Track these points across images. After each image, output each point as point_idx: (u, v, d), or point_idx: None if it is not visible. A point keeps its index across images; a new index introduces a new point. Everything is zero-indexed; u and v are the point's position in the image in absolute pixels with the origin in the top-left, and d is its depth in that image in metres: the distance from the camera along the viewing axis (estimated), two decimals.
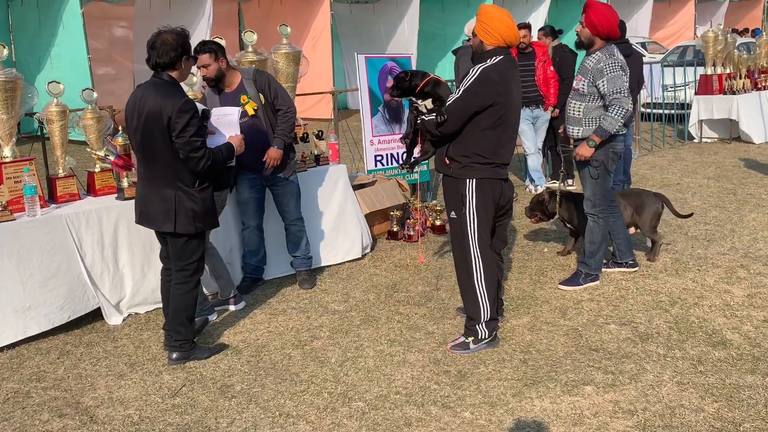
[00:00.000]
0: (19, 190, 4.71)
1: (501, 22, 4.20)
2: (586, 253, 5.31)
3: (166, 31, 4.02)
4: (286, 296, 5.38)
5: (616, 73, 4.85)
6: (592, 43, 5.00)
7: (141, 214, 4.19)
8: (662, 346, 4.33)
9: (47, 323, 4.63)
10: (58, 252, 4.69)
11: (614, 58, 4.90)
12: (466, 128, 4.16)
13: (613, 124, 4.86)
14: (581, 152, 4.99)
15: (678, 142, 11.62)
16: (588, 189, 5.18)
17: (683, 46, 16.97)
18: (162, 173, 4.05)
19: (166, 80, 4.03)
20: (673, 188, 8.41)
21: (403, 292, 5.36)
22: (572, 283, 5.31)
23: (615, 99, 4.85)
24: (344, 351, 4.41)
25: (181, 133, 3.92)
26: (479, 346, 4.32)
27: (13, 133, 4.86)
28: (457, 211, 4.27)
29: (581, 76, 5.01)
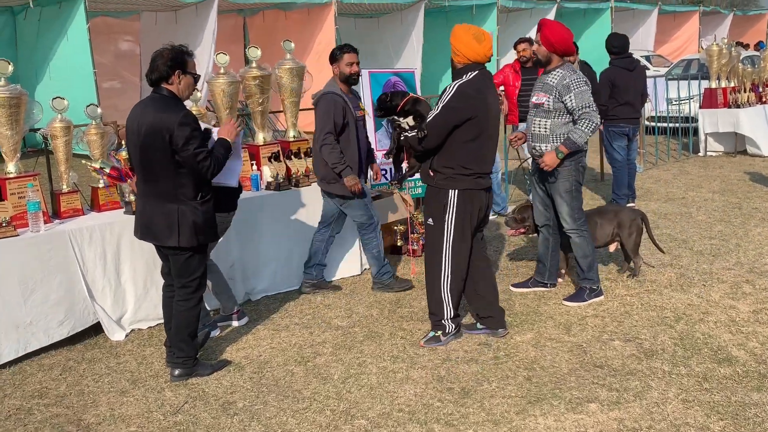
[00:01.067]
0: (23, 205, 4.72)
1: (463, 43, 4.46)
2: (584, 269, 5.30)
3: (165, 48, 4.05)
4: (290, 312, 5.36)
5: (582, 89, 4.97)
6: (550, 60, 5.09)
7: (143, 229, 4.18)
8: (667, 362, 4.30)
9: (47, 339, 4.63)
10: (61, 268, 4.69)
11: (578, 74, 5.04)
12: (447, 142, 4.41)
13: (583, 137, 4.97)
14: (548, 161, 5.02)
15: (683, 156, 11.60)
16: (565, 206, 5.21)
17: (688, 60, 16.99)
18: (163, 188, 4.05)
19: (164, 95, 4.05)
20: (678, 202, 8.39)
21: (407, 308, 5.34)
22: (577, 299, 5.29)
23: (585, 113, 4.94)
24: (347, 367, 4.38)
25: (185, 146, 3.92)
26: (448, 338, 4.65)
27: (18, 148, 4.87)
28: (436, 218, 4.53)
29: (544, 93, 5.07)
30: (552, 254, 5.52)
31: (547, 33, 5.01)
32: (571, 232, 5.26)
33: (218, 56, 5.76)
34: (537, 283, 5.60)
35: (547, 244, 5.50)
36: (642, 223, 5.79)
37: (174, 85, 4.06)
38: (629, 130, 8.04)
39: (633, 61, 8.09)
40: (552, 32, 5.01)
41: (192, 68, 4.13)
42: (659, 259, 6.21)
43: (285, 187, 5.80)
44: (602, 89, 7.96)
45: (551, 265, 5.54)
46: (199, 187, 4.08)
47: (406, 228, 6.73)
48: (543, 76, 5.14)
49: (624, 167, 8.07)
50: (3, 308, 4.45)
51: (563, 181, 5.14)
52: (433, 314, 4.69)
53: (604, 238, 5.71)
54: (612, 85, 7.88)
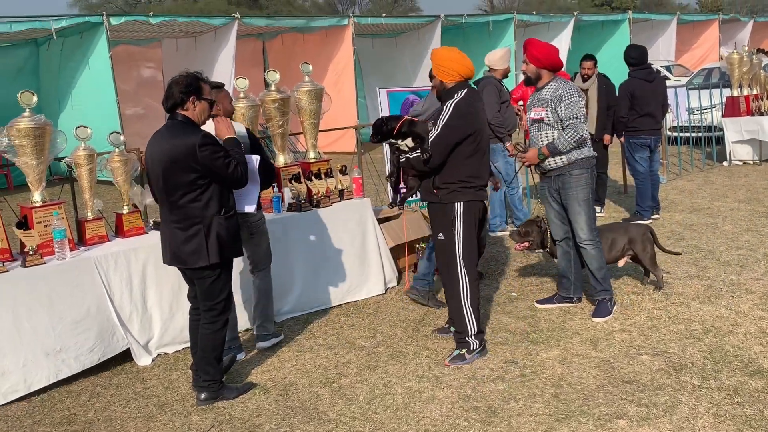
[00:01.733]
0: (49, 234, 4.78)
1: (454, 61, 4.65)
2: (599, 280, 5.29)
3: (180, 75, 4.14)
4: (313, 332, 5.37)
5: (573, 99, 5.09)
6: (540, 76, 5.24)
7: (172, 255, 4.22)
8: (697, 376, 4.23)
9: (78, 365, 4.67)
10: (88, 294, 4.75)
11: (570, 85, 5.17)
12: (449, 159, 4.56)
13: (565, 145, 5.07)
14: (530, 156, 5.24)
15: (707, 166, 11.48)
16: (583, 215, 5.23)
17: (708, 69, 16.85)
18: (188, 212, 4.09)
19: (180, 121, 4.11)
20: (704, 212, 8.29)
21: (431, 326, 5.32)
22: (603, 312, 5.24)
23: (572, 123, 5.06)
24: (372, 388, 4.37)
25: (214, 162, 4.01)
26: (473, 356, 4.64)
27: (43, 178, 4.95)
28: (446, 233, 4.63)
29: (542, 107, 5.18)
30: (575, 267, 5.47)
31: (533, 51, 5.18)
32: (587, 243, 5.25)
33: (238, 81, 5.83)
34: (562, 299, 5.55)
35: (568, 257, 5.47)
36: (651, 235, 5.75)
37: (189, 111, 4.12)
38: (651, 141, 7.98)
39: (652, 72, 8.04)
40: (537, 49, 5.18)
41: (207, 93, 4.19)
42: (686, 271, 6.14)
43: (306, 208, 5.82)
44: (621, 101, 7.93)
45: (575, 278, 5.50)
46: (221, 204, 4.14)
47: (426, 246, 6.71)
48: (537, 92, 5.28)
49: (647, 179, 8.00)
50: (32, 336, 4.50)
51: (581, 190, 5.19)
52: (458, 332, 4.71)
53: (615, 253, 5.67)
54: (631, 96, 7.85)
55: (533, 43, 5.26)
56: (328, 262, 5.87)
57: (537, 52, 5.16)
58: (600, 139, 8.28)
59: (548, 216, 5.50)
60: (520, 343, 4.90)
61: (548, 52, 5.18)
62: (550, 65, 5.20)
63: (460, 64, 4.64)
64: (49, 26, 12.45)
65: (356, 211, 6.13)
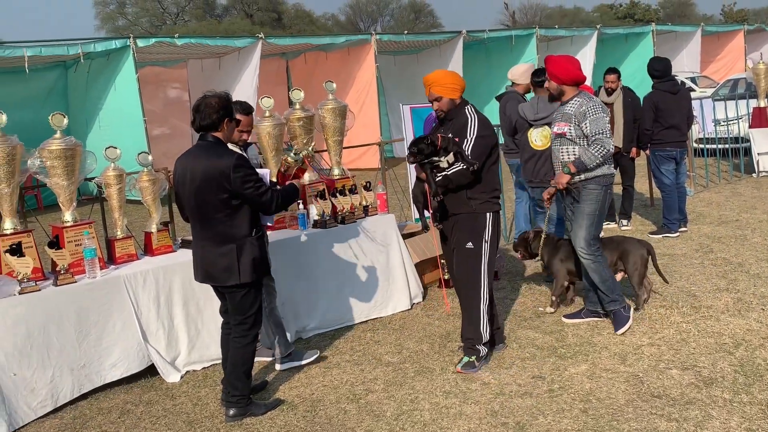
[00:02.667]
0: (80, 252, 4.86)
1: (456, 77, 4.81)
2: (607, 293, 5.26)
3: (210, 96, 4.19)
4: (340, 349, 5.38)
5: (598, 115, 5.10)
6: (563, 93, 5.27)
7: (204, 273, 4.28)
8: (728, 390, 4.18)
9: (99, 380, 4.75)
10: (116, 311, 4.81)
11: (594, 101, 5.17)
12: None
13: (592, 160, 5.07)
14: (560, 180, 5.20)
15: (734, 177, 11.36)
16: (583, 230, 5.23)
17: (734, 80, 16.71)
18: (220, 230, 4.16)
19: (212, 141, 4.19)
20: (732, 225, 8.20)
21: (457, 342, 5.30)
22: (621, 323, 5.20)
23: (598, 139, 5.07)
24: (399, 404, 4.37)
25: (245, 185, 4.08)
26: (481, 364, 4.76)
27: (74, 198, 5.04)
28: (476, 242, 4.73)
29: (565, 122, 5.21)
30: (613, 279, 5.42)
31: (552, 69, 5.22)
32: (587, 257, 5.25)
33: (263, 100, 5.90)
34: (590, 313, 5.50)
35: (606, 264, 5.39)
36: (648, 255, 5.63)
37: (221, 132, 4.21)
38: (677, 153, 7.93)
39: (676, 84, 8.01)
40: (556, 67, 5.21)
41: (235, 114, 4.33)
42: (715, 284, 6.07)
43: (331, 225, 5.86)
44: (646, 114, 7.89)
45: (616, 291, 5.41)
46: (253, 224, 4.22)
47: None
48: (561, 107, 5.31)
49: (674, 191, 7.94)
50: (60, 352, 4.58)
51: (589, 204, 5.19)
52: (470, 339, 4.79)
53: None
54: (656, 109, 7.81)
55: (552, 60, 5.29)
56: (354, 278, 5.89)
57: (555, 70, 5.20)
58: (627, 152, 8.25)
59: (568, 228, 5.50)
60: (548, 358, 4.87)
61: (567, 68, 5.20)
62: (571, 80, 5.21)
63: (461, 81, 4.82)
64: (77, 50, 12.68)
65: (381, 226, 6.16)
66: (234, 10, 58.10)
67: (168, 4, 56.98)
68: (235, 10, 57.95)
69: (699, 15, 61.73)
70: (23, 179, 4.89)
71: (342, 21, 63.45)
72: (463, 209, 4.74)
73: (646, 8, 59.67)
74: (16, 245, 4.63)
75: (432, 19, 65.65)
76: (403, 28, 48.39)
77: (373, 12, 65.66)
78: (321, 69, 17.09)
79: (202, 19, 55.02)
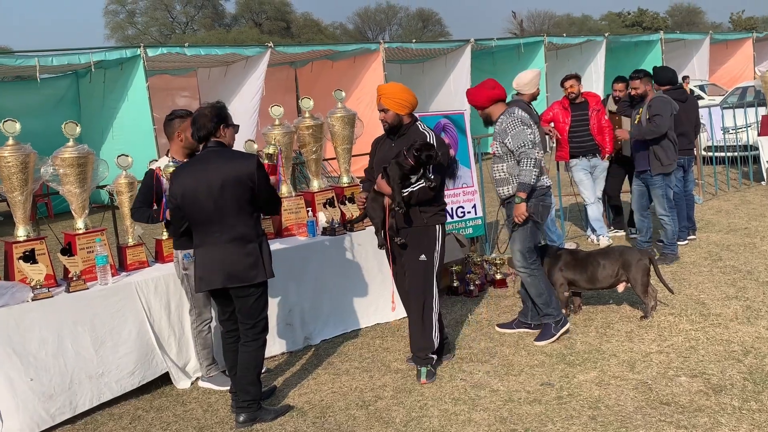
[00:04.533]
0: (92, 259, 4.91)
1: (409, 94, 4.84)
2: (541, 307, 5.31)
3: (204, 107, 4.37)
4: (349, 355, 5.40)
5: (517, 129, 5.15)
6: (490, 116, 5.39)
7: (226, 276, 4.26)
8: (737, 398, 4.18)
9: (119, 389, 4.76)
10: (129, 318, 4.85)
11: (513, 116, 5.21)
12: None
13: (529, 175, 5.09)
14: (518, 212, 5.16)
15: (743, 185, 11.34)
16: (517, 243, 5.28)
17: (743, 87, 16.69)
18: (243, 231, 4.27)
19: (218, 148, 4.30)
20: (741, 233, 8.19)
21: (466, 349, 5.32)
22: (544, 336, 5.28)
23: (522, 152, 5.12)
24: (408, 411, 4.39)
25: (266, 184, 4.33)
26: (434, 369, 4.86)
27: (86, 205, 5.09)
28: (428, 254, 4.78)
29: (494, 141, 5.34)
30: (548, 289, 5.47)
31: (471, 100, 5.42)
32: (522, 271, 5.32)
33: (273, 108, 5.96)
34: (521, 324, 5.58)
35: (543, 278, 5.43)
36: (649, 264, 5.63)
37: (221, 137, 4.33)
38: (684, 161, 7.93)
39: (684, 93, 8.02)
40: (473, 97, 5.40)
41: (231, 120, 4.44)
42: (724, 292, 6.07)
43: (340, 232, 5.89)
44: None
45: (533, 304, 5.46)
46: (260, 225, 4.42)
47: (462, 268, 6.74)
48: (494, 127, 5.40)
49: (681, 199, 7.93)
50: (76, 360, 4.61)
51: (523, 222, 5.23)
52: (423, 349, 4.82)
53: (609, 278, 5.61)
54: None
55: (469, 93, 5.48)
56: (362, 284, 5.92)
57: (474, 100, 5.38)
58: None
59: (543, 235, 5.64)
60: (557, 365, 4.88)
61: (480, 94, 5.34)
62: (489, 101, 5.32)
63: (413, 99, 4.85)
64: (88, 59, 12.80)
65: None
66: (243, 19, 58.44)
67: (177, 14, 57.37)
68: (244, 20, 58.29)
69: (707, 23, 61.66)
70: (35, 187, 4.94)
71: (350, 30, 63.69)
72: (416, 222, 4.77)
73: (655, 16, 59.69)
74: (29, 252, 4.69)
75: (440, 28, 65.86)
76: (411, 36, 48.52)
77: (381, 21, 65.91)
78: (326, 77, 17.17)
79: (211, 28, 55.37)
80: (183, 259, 4.73)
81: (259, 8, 57.66)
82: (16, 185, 4.74)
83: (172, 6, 56.72)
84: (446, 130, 7.33)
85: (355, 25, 65.11)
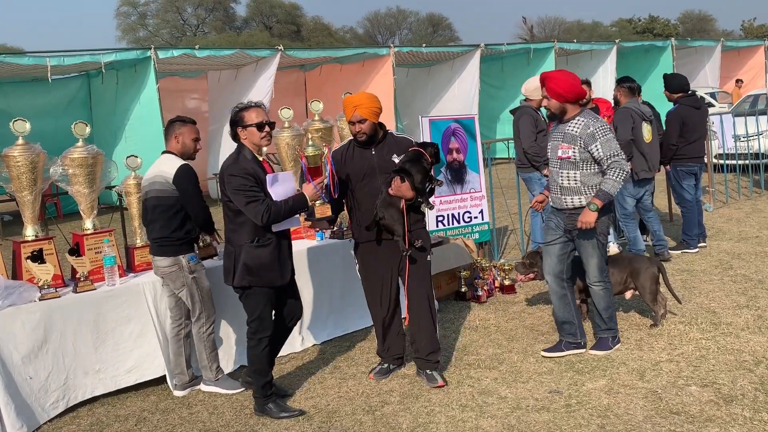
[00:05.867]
0: (100, 260, 4.90)
1: (376, 100, 4.73)
2: (605, 320, 5.15)
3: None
4: (356, 360, 5.37)
5: (608, 136, 4.82)
6: (565, 111, 4.94)
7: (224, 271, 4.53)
8: (748, 408, 4.13)
9: (113, 385, 4.80)
10: (134, 319, 4.85)
11: (602, 121, 4.89)
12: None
13: (615, 187, 4.78)
14: (587, 219, 4.82)
15: (755, 193, 11.26)
16: (594, 258, 5.03)
17: (754, 95, 16.61)
18: (228, 231, 4.45)
19: (237, 148, 4.45)
20: (752, 241, 8.12)
21: (474, 355, 5.29)
22: (602, 347, 5.14)
23: (614, 162, 4.78)
24: (415, 417, 4.35)
25: (236, 194, 4.27)
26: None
27: (95, 206, 5.09)
28: (429, 254, 4.83)
29: (568, 144, 4.89)
30: (575, 309, 5.21)
31: (552, 85, 4.87)
32: (597, 284, 5.10)
33: (282, 111, 5.95)
34: (570, 345, 5.18)
35: (565, 301, 5.17)
36: (658, 272, 5.56)
37: (242, 139, 4.43)
38: (697, 168, 7.88)
39: (698, 100, 7.98)
40: (557, 83, 4.87)
41: (249, 120, 4.42)
42: (735, 301, 6.01)
43: (348, 236, 5.87)
44: (672, 129, 7.82)
45: (579, 320, 5.22)
46: (256, 231, 4.34)
47: (470, 274, 6.71)
48: (561, 126, 4.98)
49: (694, 207, 7.89)
50: (75, 357, 4.63)
51: (596, 236, 4.97)
52: (433, 353, 4.81)
53: (617, 286, 5.53)
54: (682, 124, 7.75)
55: (550, 77, 4.94)
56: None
57: (557, 87, 4.86)
58: (657, 169, 8.18)
59: (547, 250, 5.20)
60: (565, 372, 4.84)
61: (569, 84, 4.86)
62: (573, 98, 4.90)
63: (380, 103, 4.76)
64: (99, 59, 12.83)
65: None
66: (253, 23, 58.62)
67: (188, 16, 57.60)
68: (255, 23, 58.47)
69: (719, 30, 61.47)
70: (45, 187, 4.94)
71: (360, 34, 63.80)
72: (419, 225, 4.78)
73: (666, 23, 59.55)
74: (37, 252, 4.68)
75: (450, 33, 65.90)
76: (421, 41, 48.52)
77: (391, 25, 66.00)
78: (335, 81, 17.19)
79: (222, 31, 55.56)
80: (190, 262, 4.71)
81: (269, 11, 57.86)
82: (26, 185, 4.75)
83: (183, 8, 56.96)
84: (456, 135, 7.32)
85: (365, 30, 65.21)
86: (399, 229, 4.60)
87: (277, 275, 4.43)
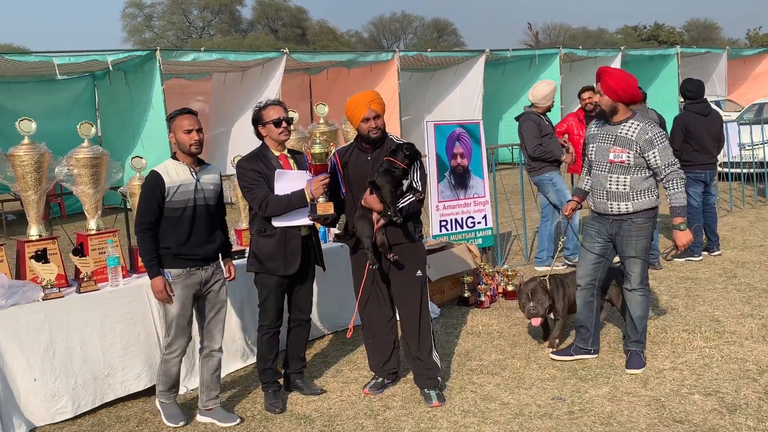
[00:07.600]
0: (103, 261, 4.90)
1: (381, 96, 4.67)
2: (639, 330, 4.95)
3: None
4: (358, 364, 5.36)
5: (665, 143, 4.64)
6: (615, 110, 4.72)
7: None
8: (752, 418, 4.11)
9: (123, 390, 4.75)
10: (138, 321, 4.83)
11: (658, 127, 4.69)
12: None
13: (683, 197, 4.65)
14: (686, 240, 4.70)
15: (759, 202, 11.24)
16: (639, 265, 4.86)
17: (760, 104, 16.58)
18: (248, 223, 4.80)
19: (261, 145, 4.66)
20: (756, 250, 8.10)
21: (476, 360, 5.27)
22: (636, 365, 4.92)
23: (673, 171, 4.64)
24: (417, 422, 4.34)
25: (241, 183, 4.57)
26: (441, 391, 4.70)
27: (99, 206, 5.09)
28: (422, 270, 4.64)
29: (623, 148, 4.67)
30: (596, 318, 5.15)
31: (610, 81, 4.63)
32: (638, 290, 4.90)
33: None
34: (579, 350, 5.16)
35: (590, 307, 5.09)
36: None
37: (264, 136, 4.63)
38: (705, 175, 7.83)
39: (707, 107, 7.93)
40: (615, 80, 4.63)
41: (267, 117, 4.58)
42: (739, 310, 5.99)
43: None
44: (675, 135, 7.81)
45: (596, 329, 5.16)
46: (262, 223, 4.56)
47: (473, 279, 6.70)
48: (611, 128, 4.76)
49: (700, 214, 7.84)
50: (83, 362, 4.59)
51: (641, 240, 4.80)
52: (432, 369, 4.65)
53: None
54: (685, 130, 7.73)
55: (609, 72, 4.70)
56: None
57: (614, 84, 4.62)
58: None
59: (582, 255, 5.08)
60: (568, 379, 4.83)
61: (627, 84, 4.64)
62: (628, 99, 4.67)
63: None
64: (105, 59, 12.86)
65: None
66: (259, 26, 58.74)
67: (194, 18, 57.73)
68: (260, 26, 58.58)
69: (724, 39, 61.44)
70: (49, 186, 4.95)
71: (365, 38, 63.88)
72: (409, 239, 4.53)
73: (671, 30, 59.53)
74: (41, 251, 4.68)
75: (455, 38, 65.94)
76: (426, 46, 48.57)
77: (396, 30, 66.06)
78: (341, 84, 17.21)
79: (227, 33, 55.66)
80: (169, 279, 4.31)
81: (275, 15, 57.95)
82: (30, 184, 4.75)
83: (189, 10, 57.10)
84: (460, 140, 7.31)
85: (370, 34, 65.29)
86: (366, 241, 4.42)
87: (281, 265, 4.56)
